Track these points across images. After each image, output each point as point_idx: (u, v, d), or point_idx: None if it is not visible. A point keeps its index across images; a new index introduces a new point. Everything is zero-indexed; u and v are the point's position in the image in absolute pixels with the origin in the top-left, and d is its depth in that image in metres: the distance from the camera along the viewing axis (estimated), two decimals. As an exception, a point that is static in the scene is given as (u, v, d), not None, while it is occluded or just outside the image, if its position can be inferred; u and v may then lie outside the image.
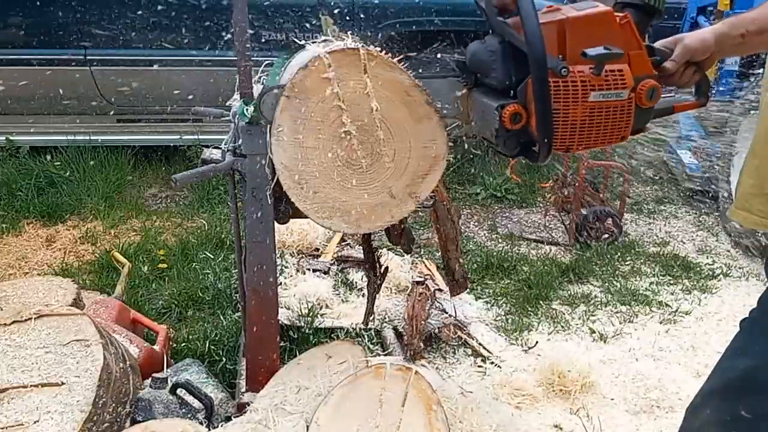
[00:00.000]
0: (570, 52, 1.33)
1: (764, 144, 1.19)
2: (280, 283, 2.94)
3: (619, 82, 1.35)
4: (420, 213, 3.69)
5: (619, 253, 3.52)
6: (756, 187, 1.22)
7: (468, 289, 2.98)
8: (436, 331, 2.64)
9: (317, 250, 3.44)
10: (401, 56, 1.72)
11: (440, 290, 2.88)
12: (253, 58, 1.74)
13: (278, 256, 2.96)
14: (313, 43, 1.80)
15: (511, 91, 1.37)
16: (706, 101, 1.54)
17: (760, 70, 1.45)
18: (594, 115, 1.36)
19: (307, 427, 1.71)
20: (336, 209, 1.73)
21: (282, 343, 2.35)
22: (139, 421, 1.77)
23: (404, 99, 1.68)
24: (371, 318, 2.43)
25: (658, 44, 1.51)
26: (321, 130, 1.66)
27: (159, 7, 4.19)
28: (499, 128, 1.36)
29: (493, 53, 1.38)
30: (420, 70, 1.60)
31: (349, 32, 1.83)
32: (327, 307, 2.87)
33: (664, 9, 1.48)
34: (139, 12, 4.20)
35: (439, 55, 1.56)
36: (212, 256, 3.20)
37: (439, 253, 2.52)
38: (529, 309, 2.95)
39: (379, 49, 1.67)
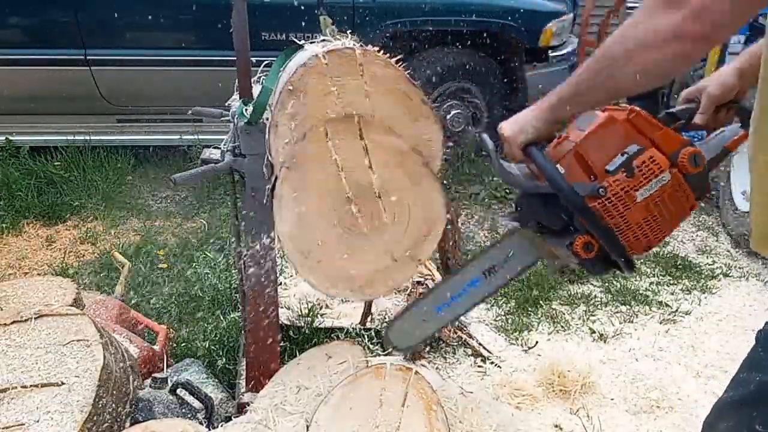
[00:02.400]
0: (597, 171, 1.32)
1: None
2: (280, 283, 2.94)
3: (655, 169, 1.33)
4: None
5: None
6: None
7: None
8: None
9: (317, 250, 3.44)
10: (399, 56, 1.72)
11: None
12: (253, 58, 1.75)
13: (278, 256, 2.96)
14: (311, 42, 1.80)
15: (571, 227, 1.37)
16: (748, 125, 1.53)
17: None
18: (651, 209, 1.36)
19: (307, 427, 1.71)
20: (340, 278, 1.72)
21: (282, 343, 2.35)
22: (139, 421, 1.77)
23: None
24: (369, 319, 2.43)
25: (682, 97, 1.51)
26: (321, 196, 1.65)
27: (159, 7, 4.20)
28: (578, 261, 1.37)
29: (535, 204, 1.39)
30: (492, 243, 1.63)
31: (348, 31, 1.83)
32: (327, 307, 2.87)
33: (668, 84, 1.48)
34: (139, 12, 4.20)
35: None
36: (212, 256, 3.20)
37: (440, 253, 2.52)
38: (529, 309, 2.95)
39: (376, 48, 1.67)
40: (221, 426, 1.85)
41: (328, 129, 1.61)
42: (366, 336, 2.60)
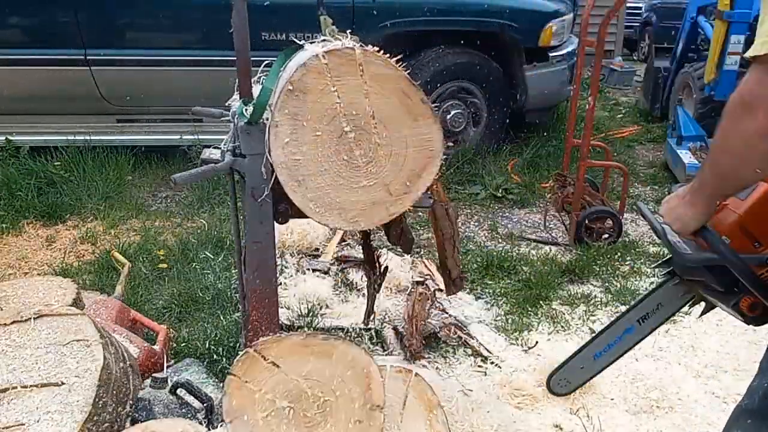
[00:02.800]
0: (762, 238, 1.36)
1: None
2: (280, 283, 2.95)
3: None
4: (420, 213, 3.69)
5: (619, 253, 3.52)
6: None
7: (466, 290, 2.99)
8: (436, 331, 2.64)
9: (317, 250, 3.44)
10: (399, 56, 1.72)
11: (440, 290, 2.88)
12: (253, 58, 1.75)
13: (278, 256, 2.96)
14: (311, 42, 1.80)
15: (737, 288, 1.42)
16: None
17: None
18: None
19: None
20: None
21: (282, 343, 2.35)
22: (139, 421, 1.77)
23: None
24: (371, 318, 2.43)
25: None
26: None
27: (159, 8, 4.20)
28: (745, 318, 1.44)
29: (703, 270, 1.44)
30: (645, 294, 1.76)
31: (348, 31, 1.83)
32: (327, 307, 2.87)
33: None
34: (139, 12, 4.20)
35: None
36: (212, 256, 3.21)
37: (438, 253, 2.52)
38: (529, 309, 2.95)
39: (376, 48, 1.67)
40: (221, 426, 1.85)
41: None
42: (366, 336, 2.60)
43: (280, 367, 1.71)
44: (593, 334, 1.86)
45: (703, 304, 1.66)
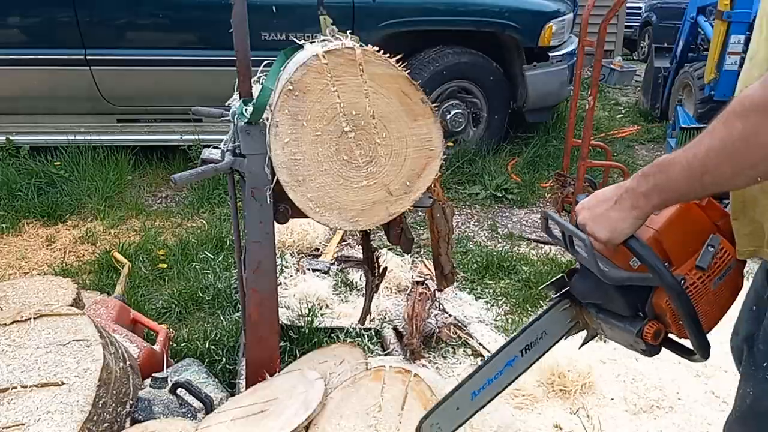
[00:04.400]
0: (674, 257, 1.29)
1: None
2: (280, 283, 2.95)
3: (726, 259, 1.33)
4: (420, 213, 3.69)
5: (619, 253, 3.52)
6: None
7: (464, 289, 2.99)
8: (436, 331, 2.64)
9: (317, 250, 3.44)
10: (399, 56, 1.73)
11: (440, 290, 2.88)
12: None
13: (278, 256, 2.96)
14: (311, 42, 1.80)
15: (640, 313, 1.35)
16: None
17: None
18: (717, 298, 1.36)
19: (306, 428, 1.71)
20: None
21: (282, 343, 2.35)
22: (140, 421, 1.77)
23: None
24: (369, 318, 2.43)
25: None
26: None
27: (159, 8, 4.20)
28: (646, 348, 1.36)
29: (608, 292, 1.35)
30: (530, 322, 1.60)
31: (348, 31, 1.83)
32: (327, 307, 2.87)
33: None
34: (139, 12, 4.20)
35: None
36: (212, 256, 3.21)
37: (432, 252, 2.52)
38: (529, 309, 2.95)
39: (376, 48, 1.67)
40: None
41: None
42: (366, 336, 2.60)
43: None
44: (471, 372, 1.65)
45: (583, 333, 1.56)
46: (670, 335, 1.39)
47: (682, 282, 1.29)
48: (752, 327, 1.29)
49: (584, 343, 1.60)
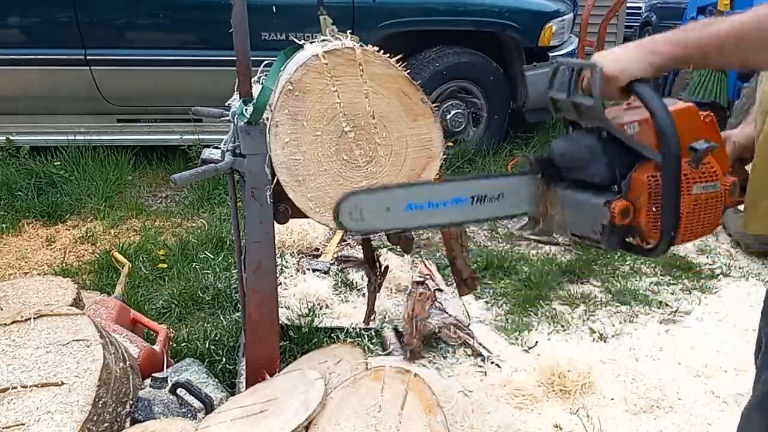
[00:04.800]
0: None
1: None
2: (280, 283, 2.95)
3: (713, 174, 1.35)
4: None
5: (619, 253, 3.52)
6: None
7: (477, 290, 2.98)
8: (436, 331, 2.64)
9: (317, 250, 3.44)
10: (399, 56, 1.73)
11: (440, 290, 2.88)
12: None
13: (278, 256, 2.96)
14: (311, 42, 1.80)
15: (615, 186, 1.33)
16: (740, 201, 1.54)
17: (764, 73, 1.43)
18: (697, 206, 1.36)
19: (306, 428, 1.71)
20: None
21: (282, 343, 2.35)
22: (140, 421, 1.77)
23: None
24: (372, 318, 2.43)
25: None
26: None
27: (159, 8, 4.20)
28: (607, 224, 1.33)
29: (591, 148, 1.34)
30: (499, 174, 1.54)
31: (348, 31, 1.83)
32: (327, 307, 2.87)
33: (730, 111, 1.48)
34: (139, 12, 4.20)
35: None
36: (212, 256, 3.20)
37: (439, 253, 2.52)
38: (529, 309, 2.95)
39: (376, 48, 1.68)
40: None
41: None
42: (366, 336, 2.60)
43: None
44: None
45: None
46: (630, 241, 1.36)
47: None
48: None
49: (522, 228, 1.53)
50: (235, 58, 1.72)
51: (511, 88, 4.89)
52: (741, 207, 1.39)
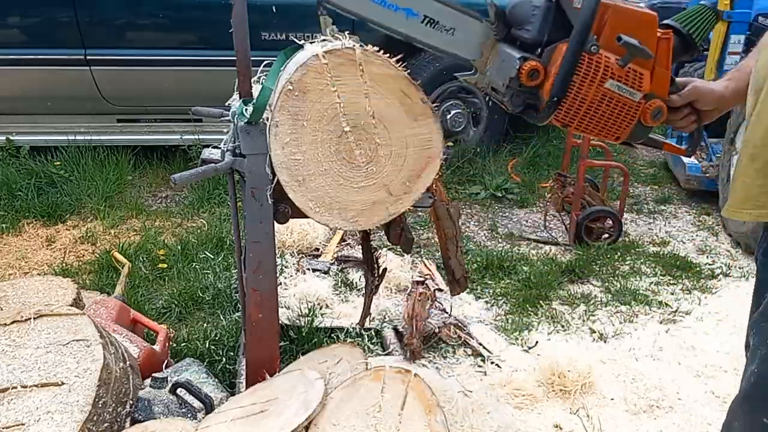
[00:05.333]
0: (605, 36, 1.36)
1: (764, 148, 1.20)
2: (280, 283, 2.95)
3: (637, 82, 1.39)
4: (420, 213, 3.69)
5: (619, 253, 3.52)
6: (742, 187, 1.24)
7: (468, 289, 2.99)
8: (436, 331, 2.64)
9: (317, 250, 3.44)
10: (399, 56, 1.72)
11: (440, 290, 2.88)
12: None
13: (278, 256, 2.96)
14: (311, 42, 1.80)
15: (538, 50, 1.39)
16: (692, 152, 1.62)
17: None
18: (603, 101, 1.40)
19: (306, 428, 1.71)
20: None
21: (282, 343, 2.35)
22: (140, 421, 1.77)
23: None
24: (369, 319, 2.43)
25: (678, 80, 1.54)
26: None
27: (159, 8, 4.20)
28: (513, 79, 1.40)
29: (537, 9, 1.41)
30: (456, 9, 1.57)
31: (348, 31, 1.83)
32: (327, 307, 2.87)
33: (701, 49, 1.52)
34: (139, 12, 4.20)
35: None
36: (212, 256, 3.20)
37: (440, 252, 2.52)
38: (529, 309, 2.95)
39: (376, 48, 1.67)
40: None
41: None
42: (366, 336, 2.60)
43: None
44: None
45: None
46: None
47: (594, 48, 1.33)
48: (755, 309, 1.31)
49: (464, 75, 1.60)
50: (235, 58, 1.72)
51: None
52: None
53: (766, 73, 1.19)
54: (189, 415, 1.86)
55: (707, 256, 3.59)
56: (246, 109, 1.73)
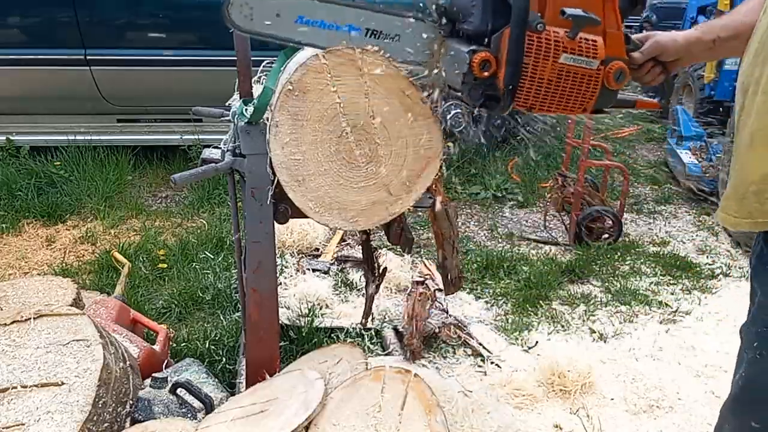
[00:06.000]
0: (549, 12, 1.34)
1: (746, 149, 1.19)
2: (280, 283, 2.95)
3: (591, 51, 1.37)
4: (420, 213, 3.69)
5: (619, 253, 3.52)
6: (732, 188, 1.23)
7: (464, 289, 2.99)
8: (436, 331, 2.64)
9: (317, 250, 3.44)
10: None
11: (440, 290, 2.87)
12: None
13: (278, 256, 2.96)
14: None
15: (485, 40, 1.37)
16: (666, 104, 1.59)
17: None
18: (561, 77, 1.38)
19: (306, 428, 1.71)
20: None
21: (282, 343, 2.35)
22: (140, 421, 1.77)
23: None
24: (371, 319, 2.43)
25: (635, 37, 1.53)
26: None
27: (159, 8, 4.20)
28: (467, 73, 1.37)
29: (476, 0, 1.38)
30: (399, 15, 1.55)
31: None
32: (327, 307, 2.87)
33: (646, 2, 1.52)
34: (139, 12, 4.20)
35: None
36: (212, 256, 3.21)
37: (437, 253, 2.52)
38: (529, 309, 2.95)
39: (376, 48, 1.67)
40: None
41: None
42: (366, 336, 2.60)
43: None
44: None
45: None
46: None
47: (540, 26, 1.31)
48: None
49: (413, 75, 1.58)
50: (235, 58, 1.72)
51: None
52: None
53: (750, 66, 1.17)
54: (189, 415, 1.86)
55: (707, 256, 3.59)
56: (246, 109, 1.73)
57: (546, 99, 1.40)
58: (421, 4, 1.54)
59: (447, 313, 2.76)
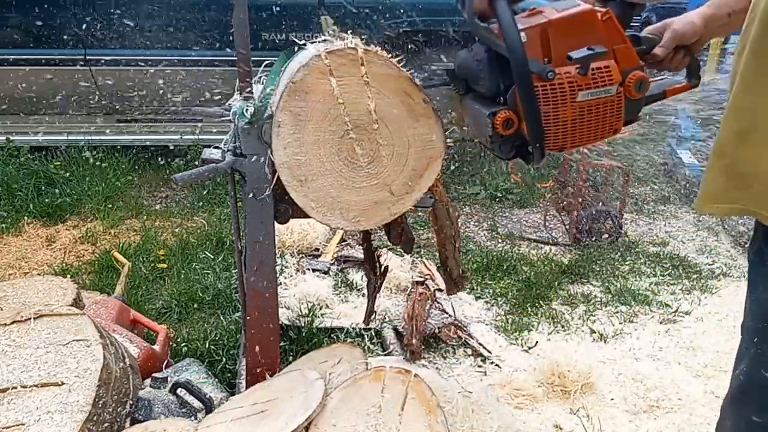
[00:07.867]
0: (555, 55, 1.34)
1: (735, 146, 1.17)
2: (280, 283, 2.95)
3: (606, 79, 1.37)
4: (420, 213, 3.69)
5: (619, 253, 3.52)
6: (729, 180, 1.22)
7: (466, 289, 2.99)
8: (436, 331, 2.64)
9: (317, 250, 3.44)
10: (400, 55, 1.72)
11: (440, 290, 2.88)
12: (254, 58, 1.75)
13: (278, 256, 2.96)
14: (312, 42, 1.80)
15: (501, 98, 1.38)
16: (698, 82, 1.58)
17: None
18: (584, 113, 1.38)
19: (307, 429, 1.71)
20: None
21: (282, 343, 2.35)
22: (140, 421, 1.77)
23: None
24: (372, 318, 2.43)
25: (646, 31, 1.52)
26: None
27: (159, 8, 4.20)
28: (493, 135, 1.38)
29: (480, 62, 1.39)
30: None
31: (348, 32, 1.82)
32: (327, 307, 2.87)
33: (644, 1, 1.51)
34: (139, 12, 4.20)
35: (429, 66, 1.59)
36: (212, 256, 3.20)
37: (439, 255, 2.52)
38: (529, 309, 2.95)
39: (377, 48, 1.67)
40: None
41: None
42: (366, 336, 2.60)
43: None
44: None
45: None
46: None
47: (551, 75, 1.30)
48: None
49: (455, 139, 1.62)
50: (235, 58, 1.72)
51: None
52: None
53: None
54: (189, 415, 1.86)
55: (707, 256, 3.59)
56: (246, 110, 1.73)
57: (575, 136, 1.40)
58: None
59: (447, 313, 2.76)
